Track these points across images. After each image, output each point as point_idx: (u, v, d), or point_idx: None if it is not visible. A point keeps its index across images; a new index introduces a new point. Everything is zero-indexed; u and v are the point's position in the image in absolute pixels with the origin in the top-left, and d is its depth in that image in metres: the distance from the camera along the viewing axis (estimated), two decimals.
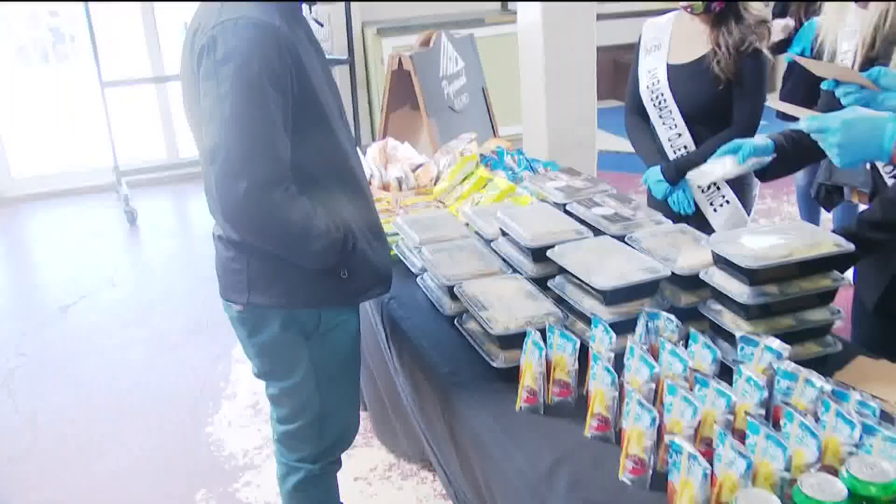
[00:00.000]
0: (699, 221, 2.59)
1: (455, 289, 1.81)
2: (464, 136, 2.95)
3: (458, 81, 3.53)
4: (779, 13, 3.89)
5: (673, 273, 1.70)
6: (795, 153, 1.95)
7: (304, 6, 1.77)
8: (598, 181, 2.24)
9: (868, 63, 1.82)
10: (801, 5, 3.73)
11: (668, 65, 2.63)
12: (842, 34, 1.90)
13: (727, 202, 2.67)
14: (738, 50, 2.49)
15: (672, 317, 1.58)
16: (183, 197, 6.13)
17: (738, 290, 1.57)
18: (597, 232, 1.96)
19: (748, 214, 2.75)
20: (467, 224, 2.26)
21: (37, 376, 3.62)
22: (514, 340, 1.64)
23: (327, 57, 1.85)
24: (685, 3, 2.53)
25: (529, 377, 1.55)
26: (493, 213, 2.22)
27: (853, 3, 1.83)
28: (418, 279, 2.10)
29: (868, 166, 2.01)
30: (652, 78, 2.66)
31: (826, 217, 4.29)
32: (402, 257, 2.25)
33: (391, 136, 3.23)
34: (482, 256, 1.98)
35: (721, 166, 1.87)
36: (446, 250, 2.03)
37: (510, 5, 6.72)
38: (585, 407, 1.52)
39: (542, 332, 1.60)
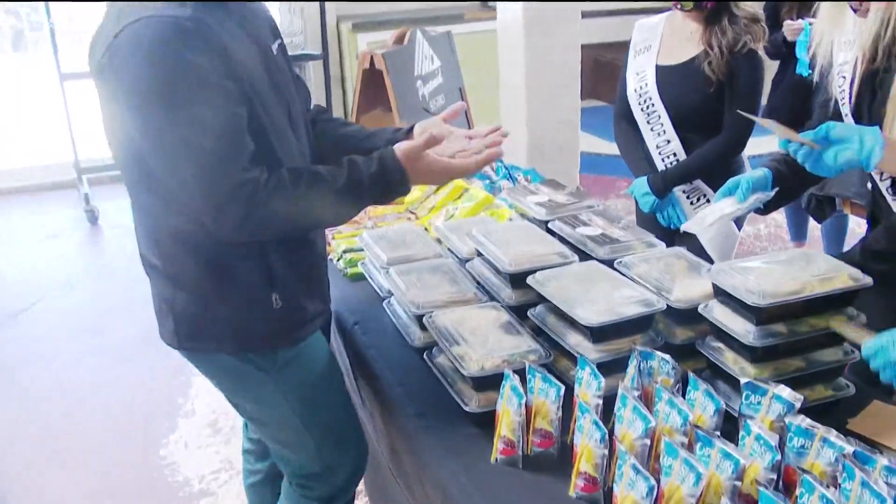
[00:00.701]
0: (687, 235, 2.42)
1: (425, 319, 1.62)
2: None
3: (434, 81, 3.34)
4: (769, 15, 3.73)
5: (668, 305, 1.52)
6: (795, 178, 1.78)
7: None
8: (582, 195, 2.05)
9: (870, 77, 1.66)
10: (793, 7, 3.58)
11: (657, 66, 2.48)
12: (838, 44, 1.73)
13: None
14: (732, 51, 2.35)
15: (668, 358, 1.40)
16: None
17: (743, 329, 1.39)
18: (582, 255, 1.77)
19: (738, 229, 2.60)
20: (439, 240, 2.07)
21: None
22: (489, 381, 1.46)
23: (301, 52, 1.67)
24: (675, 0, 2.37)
25: (506, 426, 1.36)
26: (468, 229, 2.04)
27: (851, 11, 1.66)
28: (385, 303, 1.91)
29: (869, 185, 1.84)
30: (640, 80, 2.51)
31: (813, 226, 4.16)
32: (368, 277, 2.06)
33: None
34: (455, 280, 1.79)
35: (720, 209, 1.70)
36: (416, 272, 1.83)
37: (490, 2, 6.54)
38: (569, 459, 1.34)
39: (522, 372, 1.41)
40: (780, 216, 4.80)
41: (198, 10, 1.36)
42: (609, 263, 1.70)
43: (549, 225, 1.90)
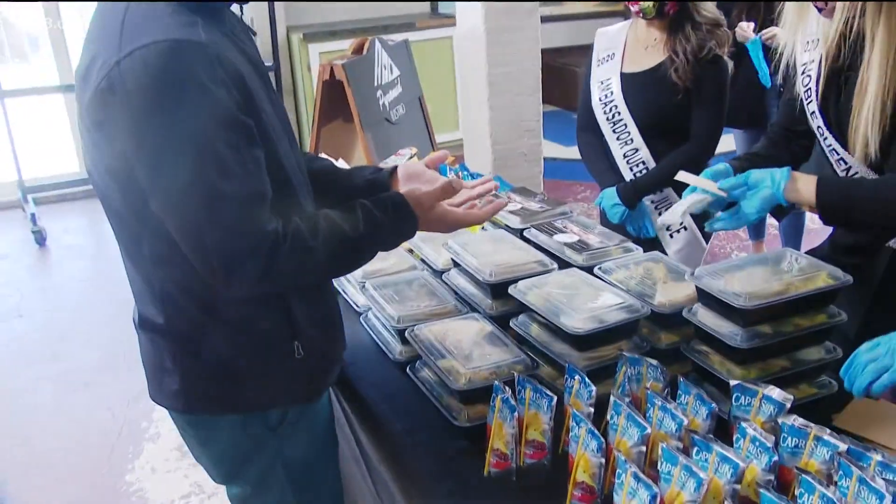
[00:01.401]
0: (654, 247, 2.43)
1: (407, 333, 1.60)
2: (404, 150, 2.73)
3: (394, 91, 3.31)
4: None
5: (652, 310, 1.52)
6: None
7: (234, 7, 1.38)
8: (555, 203, 2.05)
9: (835, 74, 1.68)
10: (743, 9, 3.63)
11: (621, 74, 2.47)
12: (802, 45, 1.76)
13: (684, 228, 2.52)
14: (697, 57, 2.35)
15: (656, 363, 1.40)
16: (97, 214, 5.68)
17: (729, 332, 1.40)
18: (560, 262, 1.77)
19: (707, 241, 2.61)
20: (412, 251, 2.05)
21: None
22: (477, 395, 1.44)
23: None
24: (636, 9, 2.38)
25: (499, 439, 1.34)
26: (441, 239, 2.02)
27: (815, 12, 1.69)
28: (362, 318, 1.88)
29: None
30: (605, 89, 2.49)
31: (771, 223, 4.24)
32: (341, 291, 2.02)
33: (324, 151, 2.99)
34: (433, 292, 1.77)
35: (690, 199, 1.70)
36: (392, 285, 1.80)
37: (441, 8, 6.54)
38: (562, 470, 1.32)
39: (510, 383, 1.40)
40: None
41: (205, 29, 1.20)
42: (588, 270, 1.70)
43: (525, 233, 1.90)
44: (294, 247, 1.23)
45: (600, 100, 2.49)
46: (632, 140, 2.45)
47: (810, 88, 1.74)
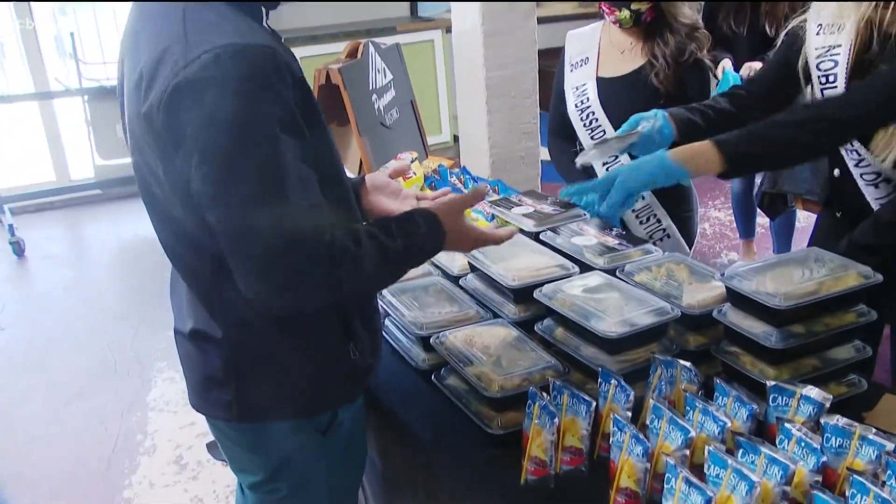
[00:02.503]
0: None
1: (432, 340, 1.57)
2: (403, 155, 2.71)
3: (388, 95, 3.29)
4: (705, 19, 3.81)
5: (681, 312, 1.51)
6: (713, 129, 1.81)
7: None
8: (568, 205, 2.04)
9: (861, 67, 1.68)
10: (730, 12, 3.65)
11: (598, 78, 2.40)
12: (813, 25, 1.76)
13: (667, 236, 2.43)
14: (678, 61, 2.30)
15: (689, 365, 1.39)
16: (76, 223, 5.63)
17: (763, 332, 1.39)
18: (580, 265, 1.75)
19: (690, 248, 2.53)
20: None
21: None
22: (510, 402, 1.42)
23: None
24: (612, 18, 2.32)
25: (537, 447, 1.32)
26: None
27: None
28: None
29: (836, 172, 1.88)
30: (580, 95, 2.41)
31: (760, 223, 4.28)
32: None
33: None
34: (452, 298, 1.75)
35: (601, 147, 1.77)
36: (409, 292, 1.78)
37: (420, 10, 6.53)
38: (599, 475, 1.31)
39: (545, 389, 1.38)
40: (724, 214, 4.93)
41: (263, 33, 1.20)
42: (609, 272, 1.69)
43: (541, 236, 1.88)
44: (344, 258, 1.21)
45: (576, 106, 2.41)
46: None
47: (833, 74, 1.73)
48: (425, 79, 6.02)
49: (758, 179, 3.67)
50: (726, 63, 3.43)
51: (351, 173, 2.81)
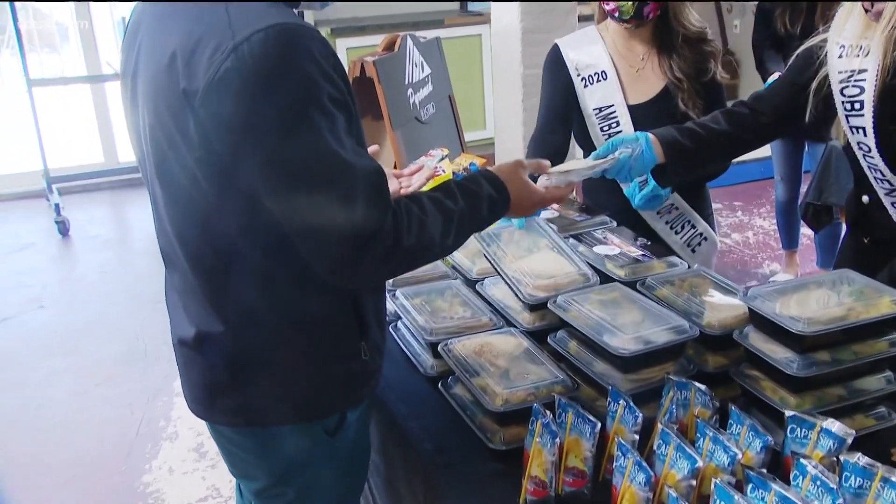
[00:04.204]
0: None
1: (440, 347, 1.53)
2: (434, 151, 2.65)
3: (425, 90, 3.24)
4: (761, 19, 3.69)
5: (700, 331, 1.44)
6: (701, 151, 1.80)
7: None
8: (594, 211, 1.97)
9: (890, 94, 1.58)
10: (786, 10, 3.52)
11: (630, 106, 2.18)
12: (835, 47, 1.66)
13: (705, 239, 2.29)
14: (701, 81, 2.14)
15: (704, 389, 1.32)
16: (121, 205, 5.71)
17: (784, 358, 1.32)
18: (600, 276, 1.69)
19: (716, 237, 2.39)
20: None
21: None
22: (514, 416, 1.36)
23: None
24: (610, 7, 2.09)
25: (538, 466, 1.27)
26: (475, 247, 1.95)
27: (861, 12, 1.59)
28: (391, 327, 1.80)
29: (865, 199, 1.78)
30: (607, 119, 2.20)
31: (805, 234, 4.14)
32: None
33: None
34: (467, 303, 1.70)
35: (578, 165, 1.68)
36: (423, 295, 1.74)
37: (471, 6, 6.46)
38: (603, 498, 1.25)
39: (549, 404, 1.32)
40: (768, 223, 4.78)
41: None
42: (630, 285, 1.62)
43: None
44: (411, 222, 1.21)
45: (603, 131, 2.20)
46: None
47: (859, 101, 1.63)
48: (471, 73, 5.97)
49: (803, 189, 3.54)
50: (776, 74, 3.33)
51: (386, 168, 2.78)
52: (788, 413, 1.25)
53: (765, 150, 4.52)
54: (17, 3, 5.04)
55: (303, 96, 1.11)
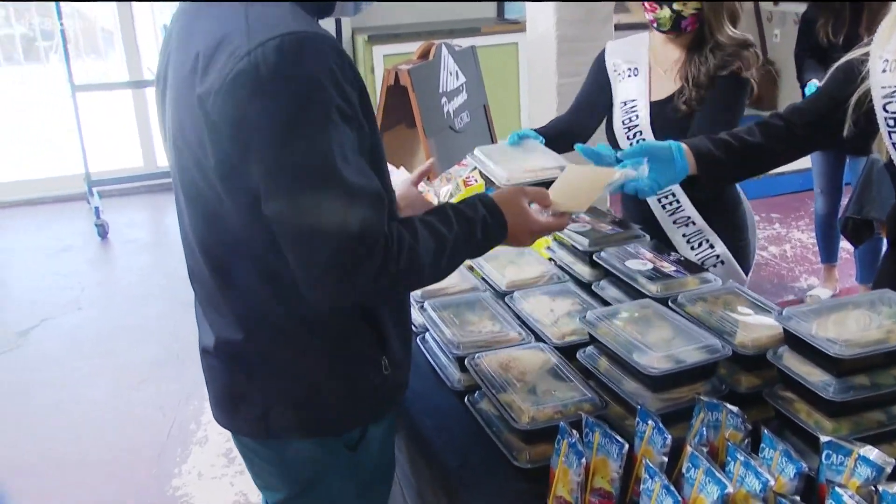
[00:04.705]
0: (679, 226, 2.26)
1: (467, 361, 1.51)
2: (467, 161, 2.65)
3: (459, 98, 3.23)
4: (804, 29, 3.63)
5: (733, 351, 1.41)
6: (735, 166, 1.78)
7: None
8: (626, 224, 1.94)
9: None
10: (828, 20, 3.46)
11: (651, 103, 2.22)
12: (879, 62, 1.61)
13: (721, 262, 2.24)
14: (711, 76, 2.12)
15: (736, 410, 1.28)
16: (159, 209, 5.79)
17: (820, 381, 1.28)
18: (630, 289, 1.66)
19: (747, 271, 2.32)
20: (472, 268, 1.97)
21: None
22: (541, 434, 1.34)
23: None
24: (650, 17, 2.13)
25: (563, 486, 1.25)
26: (505, 258, 1.93)
27: None
28: (419, 339, 1.79)
29: None
30: (629, 112, 2.24)
31: (844, 248, 4.05)
32: None
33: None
34: (496, 317, 1.68)
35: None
36: (451, 307, 1.72)
37: (507, 13, 6.45)
38: None
39: (576, 423, 1.30)
40: (807, 236, 4.69)
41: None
42: (661, 301, 1.59)
43: (595, 257, 1.79)
44: (401, 249, 1.18)
45: (623, 123, 2.24)
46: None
47: None
48: (507, 81, 5.95)
49: (843, 202, 3.46)
50: (814, 81, 3.27)
51: (401, 178, 2.77)
52: (824, 438, 1.21)
53: (804, 162, 4.43)
54: (63, 9, 5.14)
55: (311, 106, 1.10)
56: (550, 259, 1.98)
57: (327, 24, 5.87)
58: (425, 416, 1.57)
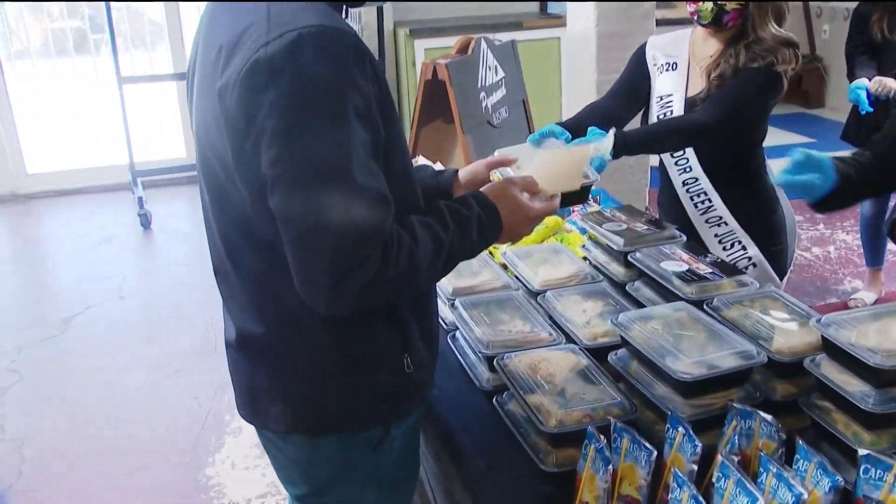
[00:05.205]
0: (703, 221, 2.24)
1: (496, 361, 1.49)
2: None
3: (498, 93, 3.21)
4: (856, 23, 3.52)
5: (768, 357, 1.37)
6: (865, 185, 1.62)
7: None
8: (662, 224, 1.90)
9: None
10: (884, 15, 3.35)
11: (686, 98, 2.19)
12: None
13: (753, 265, 2.20)
14: (736, 70, 2.06)
15: (770, 419, 1.24)
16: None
17: (860, 392, 1.24)
18: (664, 291, 1.63)
19: (782, 276, 2.27)
20: (506, 267, 1.95)
21: (29, 398, 3.36)
22: (568, 438, 1.32)
23: None
24: (692, 8, 2.09)
25: (589, 492, 1.23)
26: (539, 257, 1.91)
27: None
28: (449, 336, 1.78)
29: None
30: (664, 107, 2.21)
31: (891, 250, 3.93)
32: None
33: (422, 153, 2.92)
34: (527, 316, 1.66)
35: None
36: (482, 306, 1.71)
37: (550, 7, 6.39)
38: None
39: (605, 427, 1.28)
40: (852, 238, 4.57)
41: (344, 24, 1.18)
42: (697, 304, 1.55)
43: (630, 257, 1.76)
44: (401, 252, 1.16)
45: (659, 119, 2.22)
46: (690, 168, 2.20)
47: None
48: (549, 76, 5.90)
49: (890, 204, 3.36)
50: (862, 80, 3.17)
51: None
52: (862, 451, 1.17)
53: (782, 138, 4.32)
54: (112, 3, 5.22)
55: (324, 101, 1.09)
56: (585, 258, 1.96)
57: (369, 17, 5.86)
58: (453, 416, 1.56)
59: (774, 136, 6.71)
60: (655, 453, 1.20)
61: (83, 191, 5.97)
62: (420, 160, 2.71)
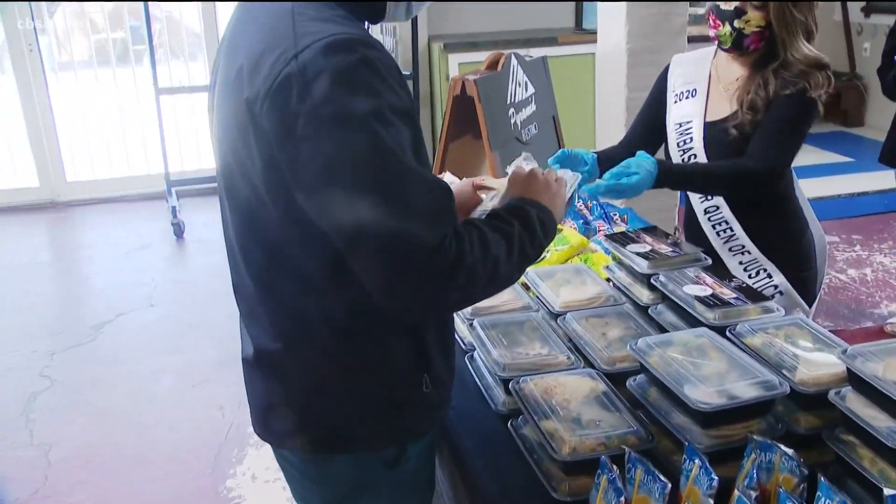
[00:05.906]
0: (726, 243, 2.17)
1: (511, 385, 1.47)
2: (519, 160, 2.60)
3: (527, 109, 3.19)
4: (888, 51, 3.45)
5: (791, 388, 1.32)
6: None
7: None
8: (688, 247, 1.86)
9: None
10: None
11: (705, 123, 2.11)
12: None
13: (780, 293, 2.12)
14: (768, 101, 1.97)
15: (791, 453, 1.20)
16: None
17: (886, 428, 1.19)
18: (686, 316, 1.59)
19: (810, 306, 2.18)
20: (528, 287, 1.92)
21: (58, 404, 3.40)
22: (582, 466, 1.29)
23: None
24: (713, 33, 2.03)
25: None
26: (561, 277, 1.89)
27: None
28: (467, 357, 1.76)
29: None
30: (683, 133, 2.14)
31: None
32: None
33: (449, 168, 2.91)
34: (545, 338, 1.63)
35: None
36: (501, 327, 1.68)
37: (585, 23, 6.36)
38: None
39: (619, 457, 1.24)
40: (890, 260, 4.47)
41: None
42: (719, 330, 1.51)
43: (652, 280, 1.73)
44: (472, 239, 1.13)
45: (678, 145, 2.15)
46: (712, 196, 2.14)
47: None
48: (583, 92, 5.86)
49: None
50: None
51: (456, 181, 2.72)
52: (888, 491, 1.12)
53: (888, 181, 4.22)
54: (153, 13, 5.31)
55: (363, 103, 1.07)
56: (608, 279, 1.93)
57: (403, 31, 5.88)
58: (467, 438, 1.54)
59: (812, 156, 6.59)
60: (669, 486, 1.16)
61: (120, 199, 6.07)
62: (447, 176, 2.69)
